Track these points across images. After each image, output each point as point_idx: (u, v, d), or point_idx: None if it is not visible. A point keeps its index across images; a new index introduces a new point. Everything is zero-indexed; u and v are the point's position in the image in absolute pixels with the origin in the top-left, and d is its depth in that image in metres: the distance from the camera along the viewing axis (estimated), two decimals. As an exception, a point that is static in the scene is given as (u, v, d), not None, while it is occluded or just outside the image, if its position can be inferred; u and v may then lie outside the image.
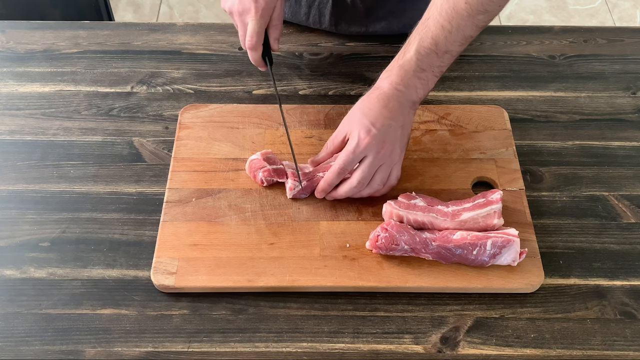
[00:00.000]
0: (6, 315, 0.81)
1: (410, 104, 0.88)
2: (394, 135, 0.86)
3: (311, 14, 1.13)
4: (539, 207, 0.92)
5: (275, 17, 0.95)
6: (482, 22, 0.85)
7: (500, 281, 0.83)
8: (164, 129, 1.01)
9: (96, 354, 0.78)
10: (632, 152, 0.99)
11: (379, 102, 0.86)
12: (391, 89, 0.87)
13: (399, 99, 0.87)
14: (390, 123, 0.86)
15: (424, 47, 0.86)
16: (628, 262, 0.87)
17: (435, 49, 0.85)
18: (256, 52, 0.94)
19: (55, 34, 1.14)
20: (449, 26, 0.84)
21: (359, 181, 0.86)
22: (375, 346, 0.80)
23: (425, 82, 0.88)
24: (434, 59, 0.86)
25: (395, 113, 0.86)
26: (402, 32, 1.12)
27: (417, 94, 0.88)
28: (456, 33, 0.84)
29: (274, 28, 0.96)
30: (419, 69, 0.86)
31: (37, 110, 1.03)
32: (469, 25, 0.84)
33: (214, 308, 0.82)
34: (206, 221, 0.88)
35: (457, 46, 0.86)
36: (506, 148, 0.97)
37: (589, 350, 0.80)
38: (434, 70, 0.87)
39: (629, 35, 1.17)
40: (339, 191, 0.88)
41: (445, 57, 0.87)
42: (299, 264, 0.84)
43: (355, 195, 0.88)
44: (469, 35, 0.86)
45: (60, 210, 0.91)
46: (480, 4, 0.83)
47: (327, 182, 0.87)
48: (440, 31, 0.85)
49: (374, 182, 0.87)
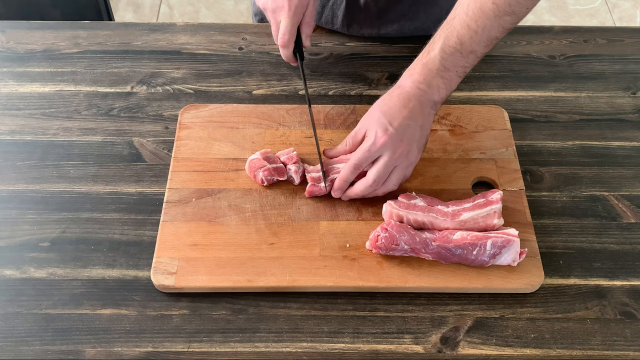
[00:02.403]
0: (6, 315, 0.81)
1: (431, 104, 0.88)
2: (412, 135, 0.86)
3: (324, 14, 1.13)
4: (539, 207, 0.92)
5: (308, 14, 0.95)
6: (509, 23, 0.84)
7: (500, 281, 0.83)
8: (164, 129, 1.01)
9: (96, 354, 0.78)
10: (632, 152, 0.99)
11: (399, 101, 0.86)
12: (413, 88, 0.87)
13: (420, 99, 0.86)
14: (409, 123, 0.85)
15: (449, 46, 0.85)
16: (628, 262, 0.87)
17: (460, 48, 0.85)
18: (288, 49, 0.95)
19: (55, 34, 1.14)
20: (475, 26, 0.84)
21: (374, 180, 0.86)
22: (375, 346, 0.80)
23: (449, 81, 0.87)
24: (459, 58, 0.86)
25: (415, 113, 0.86)
26: (413, 34, 1.13)
27: (440, 94, 0.87)
28: (482, 33, 0.84)
29: (307, 25, 0.96)
30: (443, 68, 0.86)
31: (37, 110, 1.03)
32: (495, 27, 0.84)
33: (214, 308, 0.82)
34: (206, 221, 0.88)
35: (483, 47, 0.86)
36: (506, 148, 0.97)
37: (589, 350, 0.80)
38: (457, 70, 0.87)
39: (629, 35, 1.17)
40: (354, 189, 0.88)
41: (470, 57, 0.86)
42: (299, 264, 0.84)
43: (370, 194, 0.88)
44: (495, 37, 0.85)
45: (60, 210, 0.91)
46: (508, 5, 0.82)
47: (342, 179, 0.87)
48: (466, 31, 0.84)
49: (390, 181, 0.87)
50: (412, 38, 1.13)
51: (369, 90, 1.07)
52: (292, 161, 0.92)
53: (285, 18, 0.92)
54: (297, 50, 0.96)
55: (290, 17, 0.92)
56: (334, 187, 0.89)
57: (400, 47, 1.13)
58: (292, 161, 0.92)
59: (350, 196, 0.89)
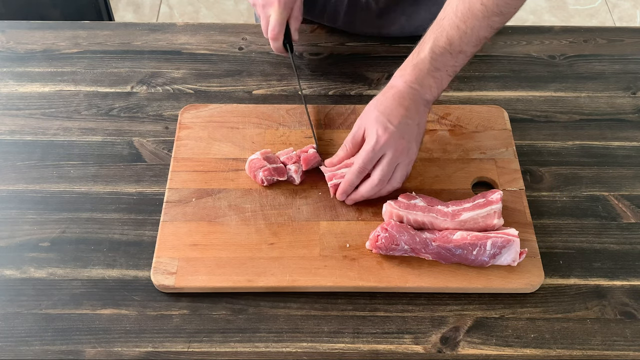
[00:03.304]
0: (6, 315, 0.81)
1: (424, 102, 0.89)
2: (410, 132, 0.86)
3: (327, 11, 1.14)
4: (539, 207, 0.92)
5: (296, 9, 1.01)
6: (497, 23, 0.86)
7: (500, 281, 0.83)
8: (164, 129, 1.01)
9: (96, 354, 0.78)
10: (632, 152, 0.99)
11: (395, 100, 0.87)
12: (406, 88, 0.88)
13: (413, 97, 0.87)
14: (407, 121, 0.86)
15: (439, 46, 0.86)
16: (628, 262, 0.87)
17: (449, 48, 0.86)
18: (278, 42, 1.00)
19: (55, 34, 1.14)
20: (464, 27, 0.85)
21: (380, 179, 0.86)
22: (375, 346, 0.80)
23: (440, 81, 0.88)
24: (448, 58, 0.87)
25: (411, 111, 0.87)
26: (414, 34, 1.13)
27: (432, 92, 0.89)
28: (471, 34, 0.85)
29: (295, 19, 1.02)
30: (434, 68, 0.87)
31: (37, 110, 1.03)
32: (484, 27, 0.85)
33: (214, 308, 0.82)
34: (206, 221, 0.88)
35: (472, 47, 0.87)
36: (506, 148, 0.97)
37: (589, 350, 0.80)
38: (447, 70, 0.88)
39: (629, 35, 1.17)
40: (360, 192, 0.88)
41: (460, 57, 0.87)
42: (299, 264, 0.84)
43: (376, 194, 0.88)
44: (484, 37, 0.86)
45: (60, 210, 0.91)
46: (496, 6, 0.83)
47: (347, 183, 0.87)
48: (455, 31, 0.85)
49: (394, 179, 0.87)
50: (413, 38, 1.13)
51: (369, 90, 1.07)
52: (292, 161, 0.92)
53: (274, 12, 0.98)
54: (287, 42, 1.02)
55: (279, 11, 0.98)
56: (338, 190, 0.89)
57: (400, 47, 1.13)
58: (292, 161, 0.92)
59: (355, 199, 0.89)
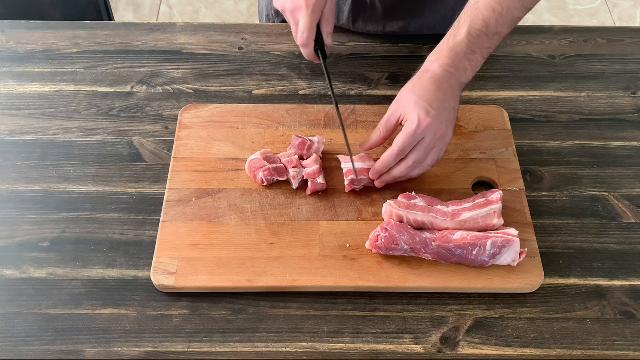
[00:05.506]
0: (6, 315, 0.81)
1: (459, 85, 0.90)
2: (448, 117, 0.87)
3: None
4: (539, 207, 0.92)
5: (327, 12, 0.94)
6: (531, 4, 0.88)
7: (500, 281, 0.83)
8: (164, 129, 1.01)
9: (96, 354, 0.78)
10: (632, 152, 0.99)
11: (433, 84, 0.87)
12: (442, 71, 0.88)
13: (449, 81, 0.88)
14: (445, 105, 0.87)
15: (475, 29, 0.87)
16: (628, 262, 0.87)
17: (486, 30, 0.87)
18: (308, 48, 0.94)
19: (55, 34, 1.14)
20: (499, 8, 0.86)
21: (415, 162, 0.87)
22: (375, 346, 0.80)
23: (475, 63, 0.89)
24: (485, 40, 0.88)
25: (448, 95, 0.87)
26: (419, 33, 1.13)
27: (467, 75, 0.90)
28: (507, 15, 0.87)
29: (327, 23, 0.95)
30: (470, 50, 0.88)
31: (37, 110, 1.03)
32: (518, 8, 0.87)
33: (214, 308, 0.82)
34: (206, 221, 0.88)
35: (507, 28, 0.88)
36: (506, 148, 0.97)
37: (589, 350, 0.80)
38: (482, 52, 0.89)
39: (629, 35, 1.17)
40: (394, 172, 0.89)
41: (495, 39, 0.89)
42: (299, 264, 0.84)
43: (405, 177, 0.89)
44: (518, 17, 0.88)
45: (60, 210, 0.91)
46: None
47: (383, 164, 0.88)
48: (491, 13, 0.87)
49: (426, 163, 0.88)
50: (417, 37, 1.13)
51: (369, 90, 1.07)
52: (291, 165, 0.91)
53: (303, 17, 0.92)
54: (319, 48, 0.95)
55: (308, 15, 0.91)
56: (372, 170, 0.89)
57: (400, 47, 1.13)
58: (291, 165, 0.91)
59: (386, 181, 0.90)
